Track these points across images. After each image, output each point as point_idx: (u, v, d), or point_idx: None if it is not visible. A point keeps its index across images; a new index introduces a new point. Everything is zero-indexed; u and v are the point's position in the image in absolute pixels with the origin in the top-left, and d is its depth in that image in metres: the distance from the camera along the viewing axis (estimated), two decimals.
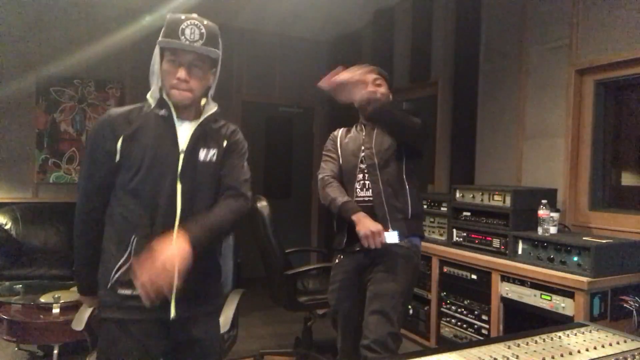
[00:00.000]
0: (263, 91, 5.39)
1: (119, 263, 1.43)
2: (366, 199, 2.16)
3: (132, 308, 1.42)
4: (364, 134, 2.28)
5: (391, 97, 2.29)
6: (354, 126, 2.39)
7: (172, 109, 1.47)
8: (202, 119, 1.51)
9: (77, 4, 4.47)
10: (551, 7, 3.05)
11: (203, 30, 1.44)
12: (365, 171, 2.19)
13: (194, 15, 1.49)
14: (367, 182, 2.18)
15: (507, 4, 3.37)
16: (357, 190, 2.19)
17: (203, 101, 1.56)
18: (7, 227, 4.00)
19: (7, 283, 3.54)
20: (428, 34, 4.11)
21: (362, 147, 2.24)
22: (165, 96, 1.47)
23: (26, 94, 4.36)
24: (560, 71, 2.98)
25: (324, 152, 2.43)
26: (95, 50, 4.47)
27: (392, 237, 2.03)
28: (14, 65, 4.29)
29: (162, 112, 1.48)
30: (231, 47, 4.97)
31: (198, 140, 1.49)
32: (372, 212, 2.10)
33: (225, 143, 1.56)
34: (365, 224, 2.00)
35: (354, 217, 2.05)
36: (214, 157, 1.51)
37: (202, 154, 1.49)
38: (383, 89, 2.24)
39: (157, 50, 1.50)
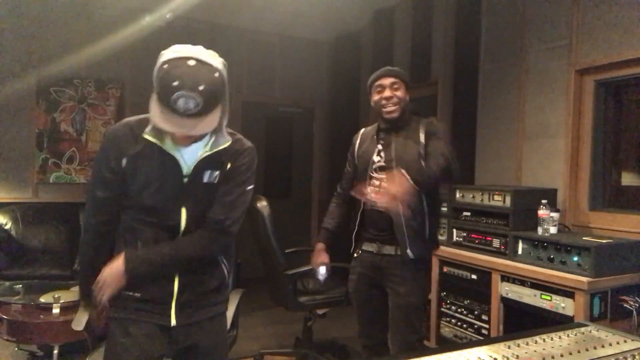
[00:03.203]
0: (263, 91, 5.39)
1: None
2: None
3: (133, 309, 1.48)
4: (381, 144, 2.22)
5: (407, 99, 2.22)
6: (375, 129, 2.30)
7: (167, 142, 1.41)
8: (212, 151, 1.44)
9: (77, 4, 4.47)
10: (551, 7, 3.05)
11: (198, 100, 1.25)
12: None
13: (192, 65, 1.27)
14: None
15: (507, 4, 3.37)
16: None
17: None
18: (7, 227, 4.00)
19: (7, 283, 3.54)
20: (428, 34, 4.11)
21: (377, 159, 2.20)
22: (156, 133, 1.41)
23: (26, 94, 4.36)
24: (560, 71, 2.98)
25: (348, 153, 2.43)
26: (95, 50, 4.46)
27: (322, 274, 2.35)
28: (14, 65, 4.29)
29: (157, 142, 1.43)
30: (231, 47, 4.97)
31: (203, 164, 1.45)
32: (385, 218, 2.14)
33: (228, 166, 1.48)
34: (315, 260, 2.34)
35: (316, 245, 2.37)
36: (216, 179, 1.47)
37: (206, 176, 1.46)
38: (399, 93, 2.17)
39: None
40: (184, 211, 1.46)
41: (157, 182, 1.43)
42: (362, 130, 2.40)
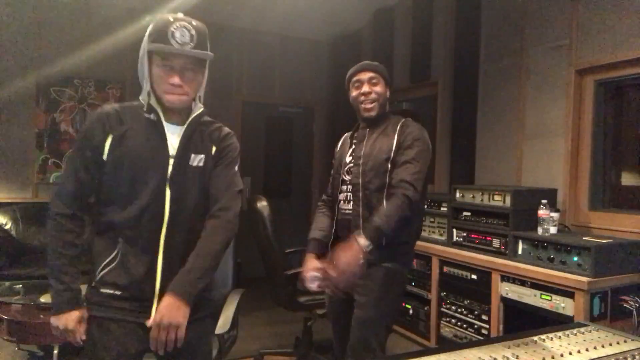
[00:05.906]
0: (263, 91, 5.39)
1: (105, 262, 1.44)
2: (347, 211, 2.08)
3: (113, 308, 1.43)
4: (354, 143, 2.16)
5: (388, 95, 2.15)
6: (353, 129, 2.26)
7: (161, 114, 1.45)
8: (189, 119, 1.48)
9: (77, 4, 4.47)
10: (551, 7, 3.05)
11: (193, 32, 1.39)
12: (349, 184, 2.08)
13: (181, 15, 1.44)
14: (349, 195, 2.07)
15: (507, 4, 3.37)
16: (341, 202, 2.11)
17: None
18: (7, 227, 4.00)
19: (7, 283, 3.53)
20: (428, 34, 4.11)
21: (348, 159, 2.13)
22: (153, 101, 1.45)
23: (26, 94, 4.36)
24: (560, 71, 2.98)
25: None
26: (95, 50, 4.47)
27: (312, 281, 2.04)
28: (14, 65, 4.29)
29: (151, 116, 1.45)
30: (231, 47, 4.97)
31: (188, 144, 1.46)
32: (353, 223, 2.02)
33: (214, 149, 1.51)
34: (305, 267, 2.04)
35: (306, 256, 2.11)
36: (201, 163, 1.47)
37: (191, 159, 1.47)
38: (378, 88, 2.11)
39: (144, 53, 1.46)
40: (167, 193, 1.42)
41: (142, 161, 1.41)
42: (345, 134, 2.30)
